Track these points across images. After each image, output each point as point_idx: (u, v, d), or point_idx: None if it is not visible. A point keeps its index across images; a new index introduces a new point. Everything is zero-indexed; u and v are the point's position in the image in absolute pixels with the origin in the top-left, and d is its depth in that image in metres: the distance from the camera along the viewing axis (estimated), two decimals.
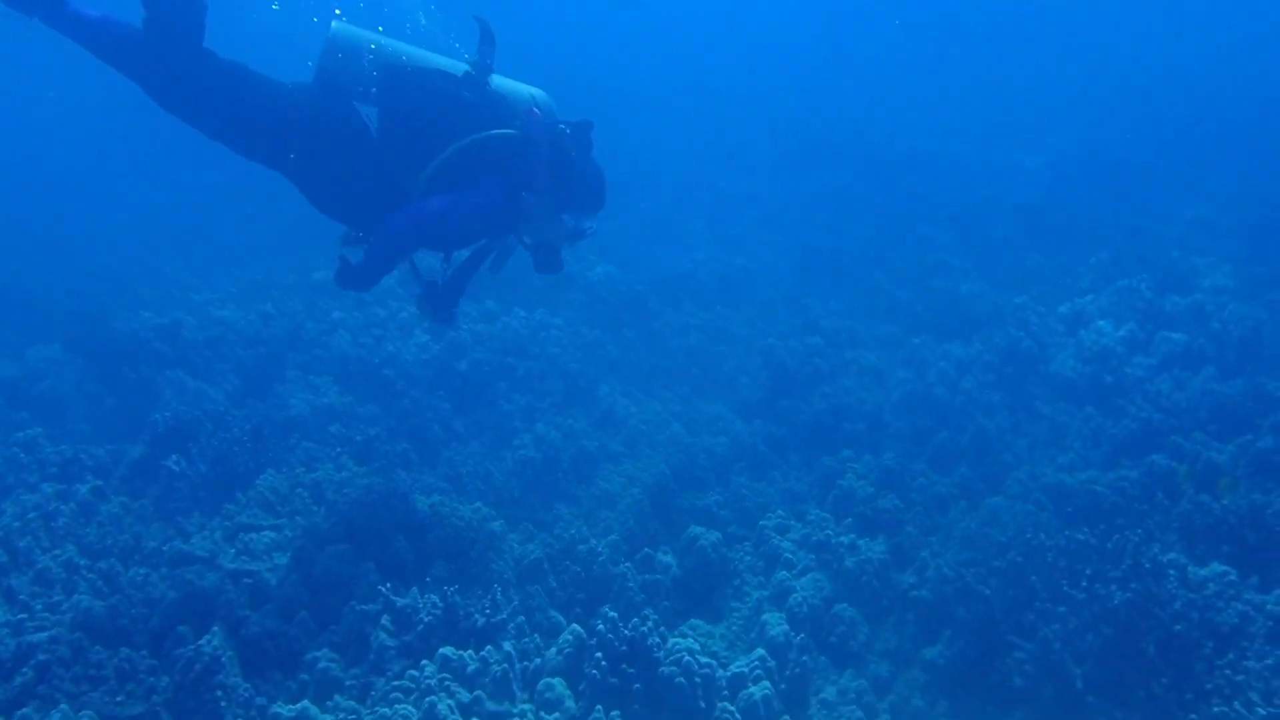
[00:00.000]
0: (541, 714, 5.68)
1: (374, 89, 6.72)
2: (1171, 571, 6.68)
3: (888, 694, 6.86)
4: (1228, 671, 5.96)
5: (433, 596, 6.50)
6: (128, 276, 16.16)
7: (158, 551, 7.36)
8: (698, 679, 6.16)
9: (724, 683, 6.34)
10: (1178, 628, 6.25)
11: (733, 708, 6.14)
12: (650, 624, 6.37)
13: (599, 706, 5.66)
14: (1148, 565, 6.65)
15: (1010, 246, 17.39)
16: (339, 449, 9.39)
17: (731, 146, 24.85)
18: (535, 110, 6.75)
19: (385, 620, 6.40)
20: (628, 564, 7.76)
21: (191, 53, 6.48)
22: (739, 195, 21.49)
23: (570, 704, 6.00)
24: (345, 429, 9.91)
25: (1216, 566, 7.12)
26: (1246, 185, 19.79)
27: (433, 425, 10.57)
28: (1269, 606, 6.67)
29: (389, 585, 6.57)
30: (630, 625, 6.29)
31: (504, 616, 6.53)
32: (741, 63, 34.63)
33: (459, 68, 6.85)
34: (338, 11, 6.86)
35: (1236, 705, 5.69)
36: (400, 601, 6.44)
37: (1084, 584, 6.49)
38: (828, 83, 31.30)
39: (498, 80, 6.92)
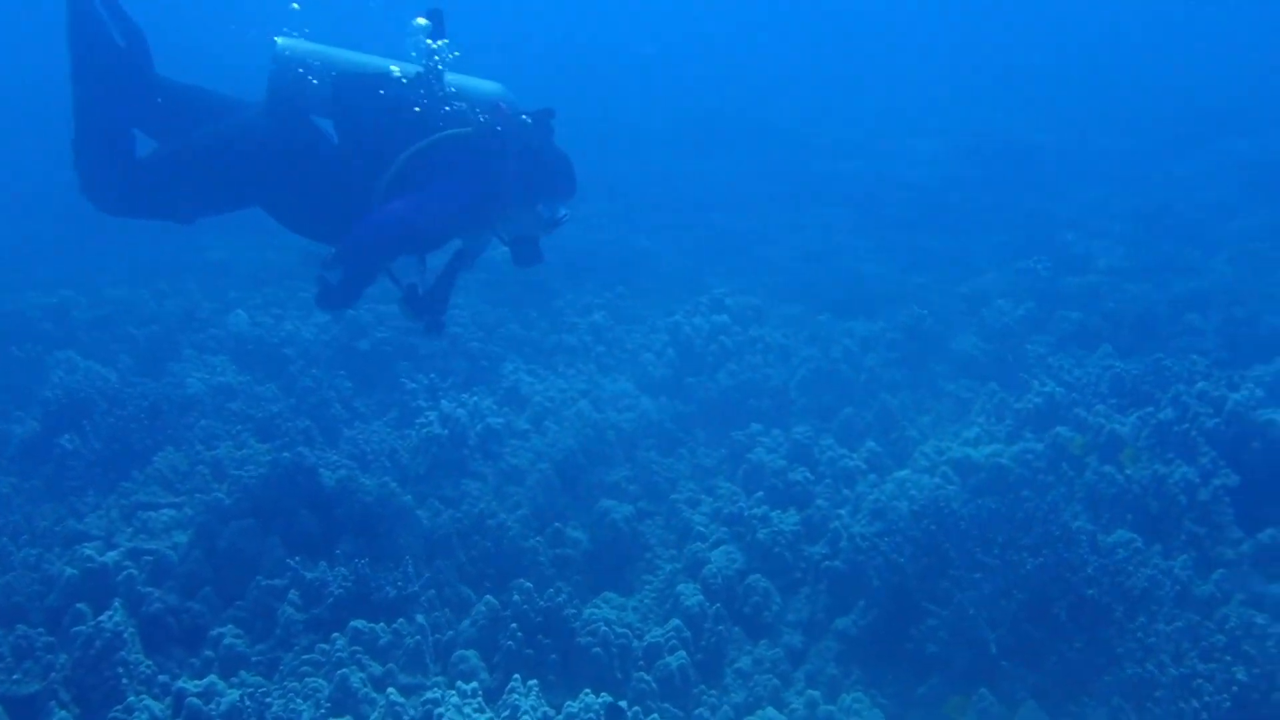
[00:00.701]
0: (459, 683, 5.56)
1: (327, 101, 6.65)
2: (1082, 538, 6.74)
3: (802, 663, 6.84)
4: (1139, 634, 6.02)
5: (342, 569, 6.36)
6: (13, 254, 15.73)
7: (50, 531, 7.13)
8: (614, 649, 6.10)
9: (640, 653, 6.29)
10: (1089, 592, 6.30)
11: (649, 677, 6.09)
12: (565, 595, 6.31)
13: (516, 676, 5.56)
14: (1058, 532, 6.71)
15: (909, 229, 17.58)
16: (239, 426, 9.18)
17: (629, 129, 24.75)
18: (501, 105, 6.71)
19: (293, 595, 6.25)
20: (538, 539, 7.66)
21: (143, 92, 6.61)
22: (639, 177, 21.39)
23: (485, 675, 5.91)
24: (246, 406, 9.69)
25: (1123, 534, 7.22)
26: (1136, 170, 20.21)
27: (334, 404, 10.36)
28: (1176, 571, 6.77)
29: (297, 559, 6.42)
30: (546, 596, 6.22)
31: (416, 589, 6.41)
32: (641, 44, 34.54)
33: (411, 69, 6.78)
34: (278, 39, 6.78)
35: (1149, 667, 5.75)
36: (309, 575, 6.30)
37: (997, 551, 6.52)
38: (727, 70, 31.36)
39: (452, 78, 6.85)
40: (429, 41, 6.83)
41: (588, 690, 5.53)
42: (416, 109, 6.67)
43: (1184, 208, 17.31)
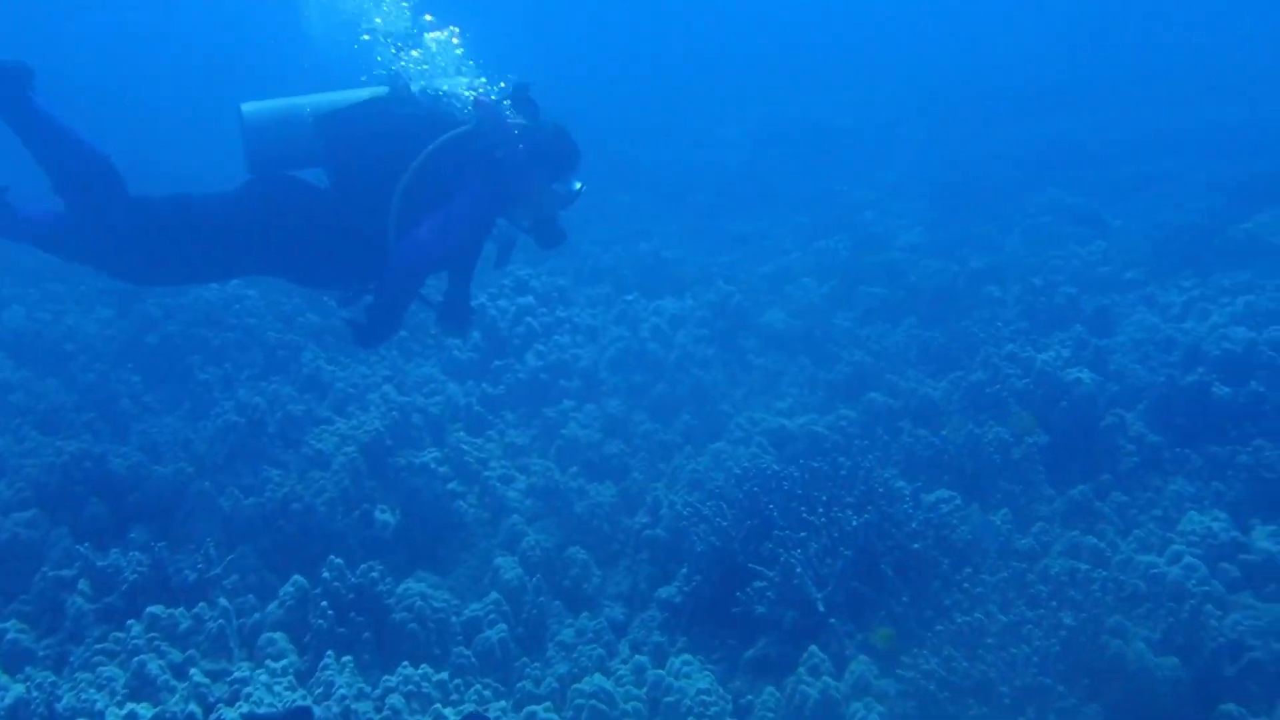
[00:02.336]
0: (269, 662, 5.22)
1: (313, 148, 6.35)
2: (905, 494, 6.70)
3: (626, 634, 6.64)
4: (966, 585, 5.98)
5: (137, 554, 5.95)
6: None
7: None
8: (431, 624, 5.83)
9: (458, 628, 6.03)
10: (915, 546, 6.25)
11: (469, 652, 5.82)
12: (378, 572, 6.00)
13: (329, 653, 5.24)
14: (881, 489, 6.65)
15: (712, 212, 17.61)
16: (19, 420, 8.61)
17: None
18: (482, 98, 6.45)
19: (83, 584, 5.81)
20: (346, 521, 7.34)
21: (124, 216, 6.21)
22: None
23: (294, 657, 5.55)
24: (27, 398, 9.12)
25: (943, 492, 7.21)
26: (930, 152, 20.68)
27: (122, 399, 9.81)
28: (998, 524, 6.77)
29: (87, 546, 5.98)
30: (358, 573, 5.91)
31: (218, 571, 6.03)
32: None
33: (379, 91, 6.53)
34: (243, 106, 6.40)
35: (978, 615, 5.70)
36: (101, 562, 5.87)
37: (821, 510, 6.41)
38: (531, 59, 31.21)
39: (420, 86, 6.62)
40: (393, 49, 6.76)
41: (406, 663, 5.26)
42: (402, 125, 6.45)
43: (979, 187, 17.68)
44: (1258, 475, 7.47)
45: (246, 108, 6.35)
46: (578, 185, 6.77)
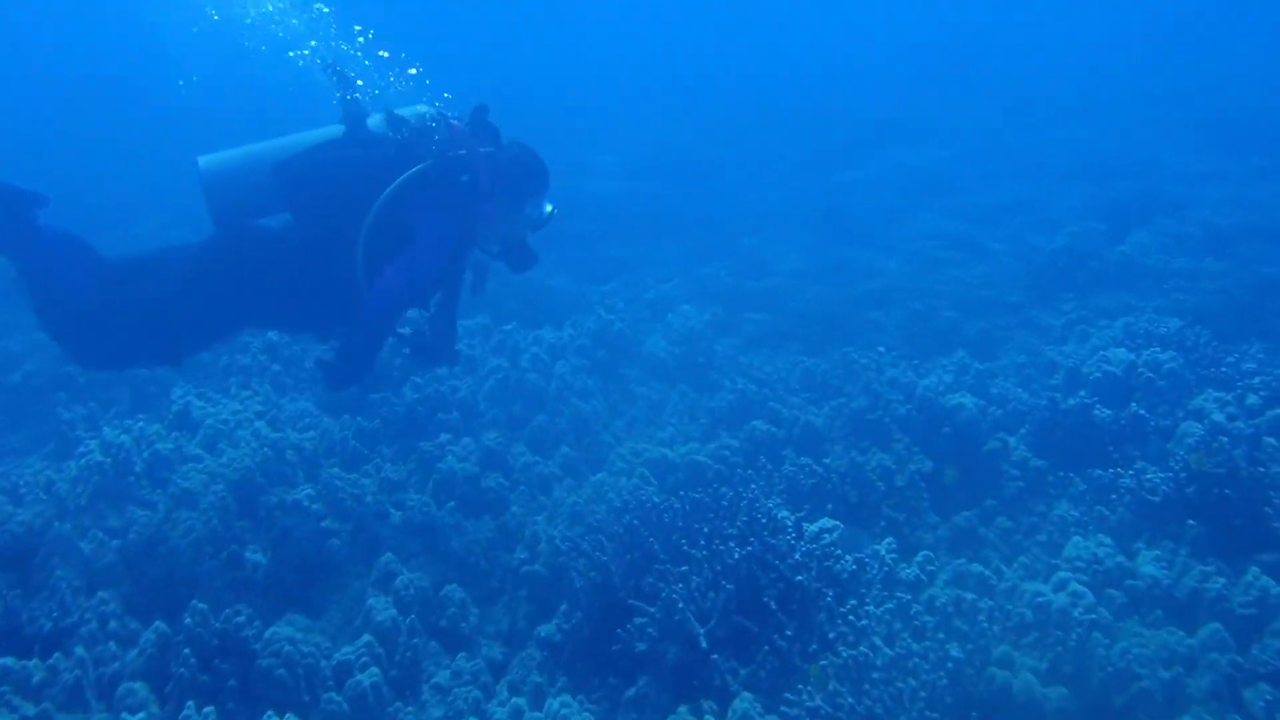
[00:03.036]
0: (125, 715, 4.95)
1: (273, 197, 6.24)
2: (788, 524, 6.59)
3: (504, 674, 6.44)
4: (851, 618, 5.87)
5: None
6: None
7: None
8: (300, 670, 5.59)
9: (329, 672, 5.79)
10: (799, 578, 6.12)
11: (339, 698, 5.58)
12: (244, 616, 5.75)
13: (190, 703, 4.98)
14: (764, 519, 6.52)
15: (592, 240, 17.50)
16: None
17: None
18: (444, 127, 6.37)
19: None
20: (213, 563, 7.05)
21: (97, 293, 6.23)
22: None
23: (155, 708, 5.29)
24: None
25: (826, 521, 7.11)
26: (807, 179, 20.82)
27: None
28: (882, 554, 6.69)
29: None
30: (222, 618, 5.65)
31: (75, 620, 5.74)
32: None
33: (337, 130, 6.41)
34: (199, 159, 6.27)
35: (863, 649, 5.59)
36: None
37: (703, 542, 6.27)
38: (403, 83, 31.04)
39: (376, 120, 6.51)
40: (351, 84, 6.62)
41: (272, 712, 5.02)
42: (360, 164, 6.31)
43: (856, 213, 17.85)
44: (1140, 498, 7.47)
45: (203, 161, 6.26)
46: (549, 208, 6.67)
